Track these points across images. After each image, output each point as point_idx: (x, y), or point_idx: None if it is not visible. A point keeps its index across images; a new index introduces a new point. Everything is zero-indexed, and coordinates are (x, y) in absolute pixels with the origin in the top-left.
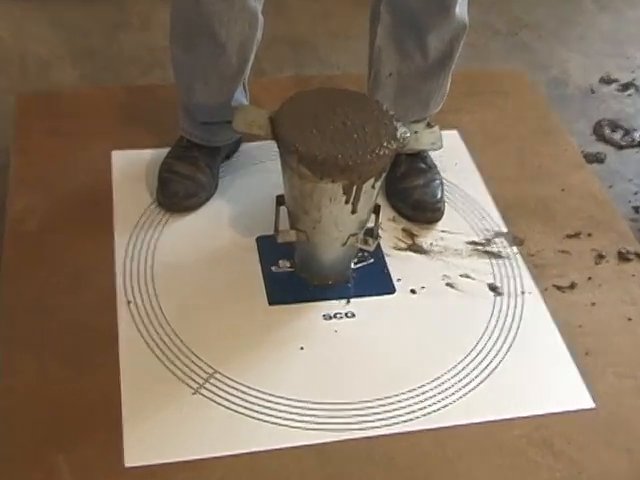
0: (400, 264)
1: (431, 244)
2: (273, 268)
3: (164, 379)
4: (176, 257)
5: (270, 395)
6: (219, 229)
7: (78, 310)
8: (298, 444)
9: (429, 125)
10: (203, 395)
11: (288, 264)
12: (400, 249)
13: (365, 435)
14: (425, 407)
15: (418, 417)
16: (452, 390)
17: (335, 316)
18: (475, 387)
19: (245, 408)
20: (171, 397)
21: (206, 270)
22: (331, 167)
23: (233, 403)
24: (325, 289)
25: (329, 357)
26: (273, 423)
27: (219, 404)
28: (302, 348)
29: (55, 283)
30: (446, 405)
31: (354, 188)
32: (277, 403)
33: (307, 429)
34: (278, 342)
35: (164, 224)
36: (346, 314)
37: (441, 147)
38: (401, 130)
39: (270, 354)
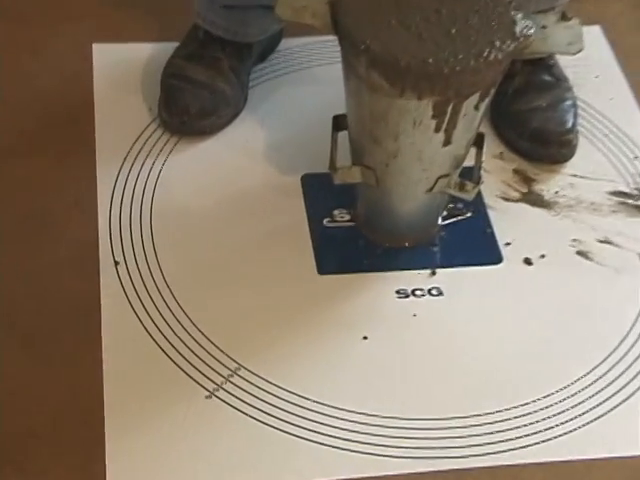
0: (510, 222)
1: (556, 193)
2: (325, 221)
3: (166, 377)
4: (185, 202)
5: (319, 404)
6: (248, 163)
7: (43, 273)
8: (360, 475)
9: (564, 17)
10: (221, 400)
11: (347, 216)
12: (510, 200)
13: (456, 467)
14: (542, 430)
15: (530, 444)
16: (584, 407)
17: (414, 293)
18: (620, 404)
19: (281, 421)
20: (176, 402)
21: (228, 222)
22: (417, 75)
23: (263, 412)
24: (400, 254)
25: (404, 352)
26: (324, 445)
27: (243, 413)
28: (366, 338)
29: (10, 232)
30: (574, 429)
31: (449, 108)
32: (330, 416)
33: (372, 454)
34: (331, 329)
35: (168, 153)
36: (429, 291)
37: (581, 49)
38: (522, 24)
39: (319, 346)
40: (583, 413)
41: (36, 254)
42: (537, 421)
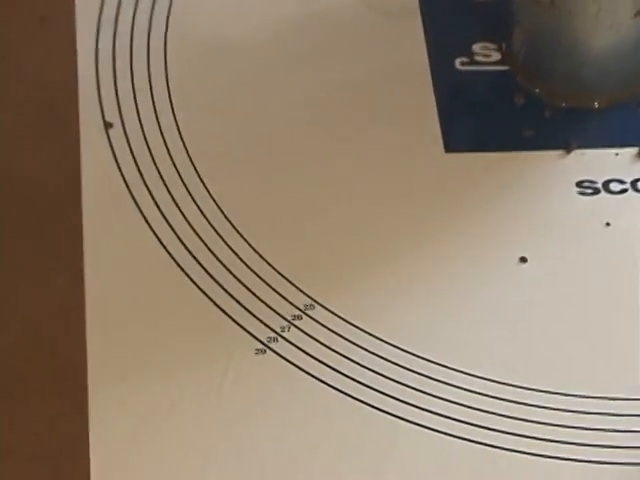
0: None
1: None
2: (458, 63)
3: (193, 312)
4: (219, 26)
5: (438, 366)
6: None
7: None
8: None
9: None
10: (279, 355)
11: (495, 55)
12: None
13: None
14: None
15: None
16: None
17: (607, 187)
18: None
19: (381, 396)
20: (205, 360)
21: (293, 64)
22: None
23: (348, 378)
24: (584, 121)
25: (587, 285)
26: (447, 434)
27: (317, 378)
28: (524, 260)
29: None
30: None
31: None
32: (457, 387)
33: (525, 452)
34: (467, 244)
35: None
36: (635, 184)
37: None
38: None
39: (433, 271)
40: None
41: None
42: None
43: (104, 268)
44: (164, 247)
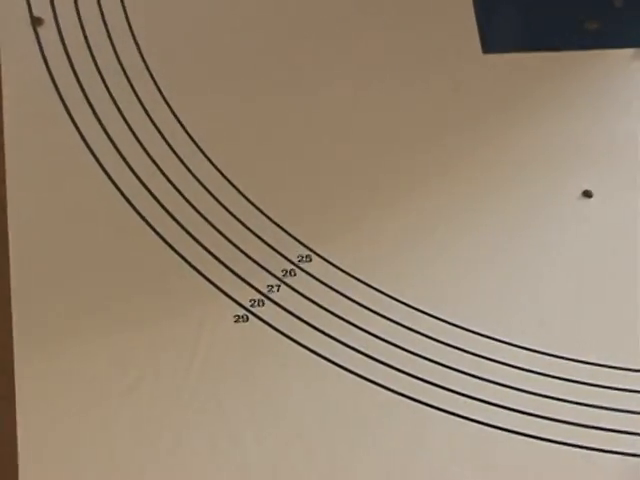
0: None
1: None
2: None
3: (145, 262)
4: None
5: (457, 328)
6: None
7: None
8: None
9: None
10: (265, 322)
11: None
12: None
13: None
14: None
15: None
16: None
17: None
18: None
19: (385, 369)
20: (170, 331)
21: None
22: None
23: (357, 352)
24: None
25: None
26: (447, 412)
27: (314, 352)
28: (588, 195)
29: None
30: None
31: None
32: (481, 355)
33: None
34: (511, 172)
35: None
36: None
37: None
38: None
39: (462, 208)
40: None
41: None
42: None
43: (30, 193)
44: (103, 169)
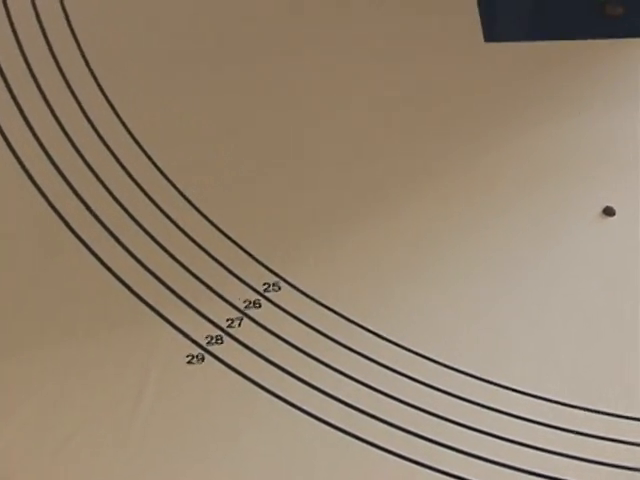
0: None
1: None
2: None
3: (92, 296)
4: None
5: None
6: None
7: None
8: None
9: None
10: (222, 362)
11: None
12: None
13: None
14: None
15: None
16: None
17: None
18: None
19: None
20: (112, 375)
21: None
22: None
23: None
24: None
25: None
26: (429, 469)
27: (271, 391)
28: (610, 212)
29: None
30: None
31: None
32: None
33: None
34: (502, 187)
35: None
36: None
37: None
38: None
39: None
40: None
41: None
42: None
43: None
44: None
